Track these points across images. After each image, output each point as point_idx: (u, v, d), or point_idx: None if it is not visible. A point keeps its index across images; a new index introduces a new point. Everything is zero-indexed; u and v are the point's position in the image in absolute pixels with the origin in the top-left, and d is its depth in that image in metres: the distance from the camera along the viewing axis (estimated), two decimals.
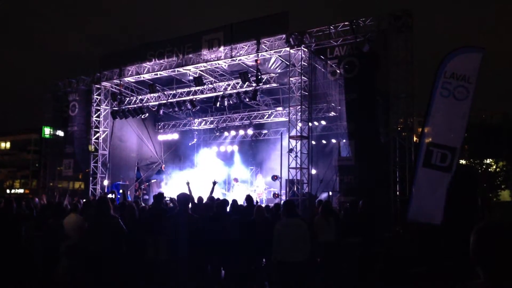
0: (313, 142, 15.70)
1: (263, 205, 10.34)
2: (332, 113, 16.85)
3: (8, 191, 45.71)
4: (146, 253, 8.25)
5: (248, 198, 9.48)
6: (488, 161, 30.37)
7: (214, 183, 10.15)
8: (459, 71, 7.29)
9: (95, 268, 6.54)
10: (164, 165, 22.60)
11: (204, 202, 9.04)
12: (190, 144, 24.00)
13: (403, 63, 12.94)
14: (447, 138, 7.34)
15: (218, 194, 15.17)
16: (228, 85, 17.85)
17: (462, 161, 25.94)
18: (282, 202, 9.86)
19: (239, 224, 7.39)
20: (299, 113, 14.61)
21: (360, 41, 13.64)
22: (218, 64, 16.44)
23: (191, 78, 17.73)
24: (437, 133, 7.47)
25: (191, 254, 6.38)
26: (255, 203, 9.54)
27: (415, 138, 14.13)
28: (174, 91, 19.27)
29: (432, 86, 7.48)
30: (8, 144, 51.56)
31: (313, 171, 15.58)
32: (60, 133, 21.58)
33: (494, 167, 30.44)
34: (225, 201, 8.60)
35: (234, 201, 9.54)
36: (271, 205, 11.95)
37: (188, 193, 8.39)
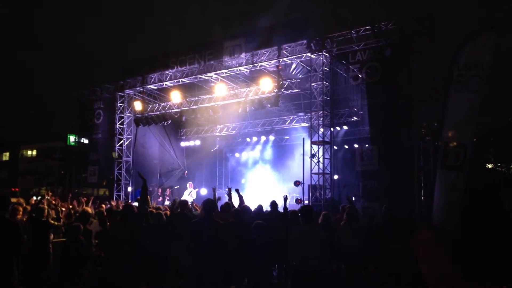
0: (335, 147, 15.64)
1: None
2: (354, 118, 16.75)
3: (34, 198, 46.58)
4: (169, 259, 8.33)
5: (273, 204, 9.37)
6: None
7: (230, 189, 10.04)
8: (472, 59, 6.65)
9: (119, 273, 6.62)
10: (186, 171, 22.74)
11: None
12: (212, 150, 24.11)
13: (426, 66, 12.79)
14: (460, 135, 6.98)
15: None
16: (250, 91, 17.90)
17: (489, 165, 25.38)
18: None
19: (262, 230, 7.30)
20: (321, 118, 14.56)
21: (382, 45, 13.55)
22: (240, 70, 16.53)
23: (213, 84, 17.85)
24: (452, 132, 7.14)
25: (214, 261, 6.33)
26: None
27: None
28: (196, 98, 19.41)
29: (446, 83, 7.13)
30: (34, 152, 52.79)
31: (336, 177, 15.49)
32: (85, 140, 21.98)
33: None
34: (246, 208, 8.58)
35: (260, 206, 9.42)
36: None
37: (213, 199, 8.44)
